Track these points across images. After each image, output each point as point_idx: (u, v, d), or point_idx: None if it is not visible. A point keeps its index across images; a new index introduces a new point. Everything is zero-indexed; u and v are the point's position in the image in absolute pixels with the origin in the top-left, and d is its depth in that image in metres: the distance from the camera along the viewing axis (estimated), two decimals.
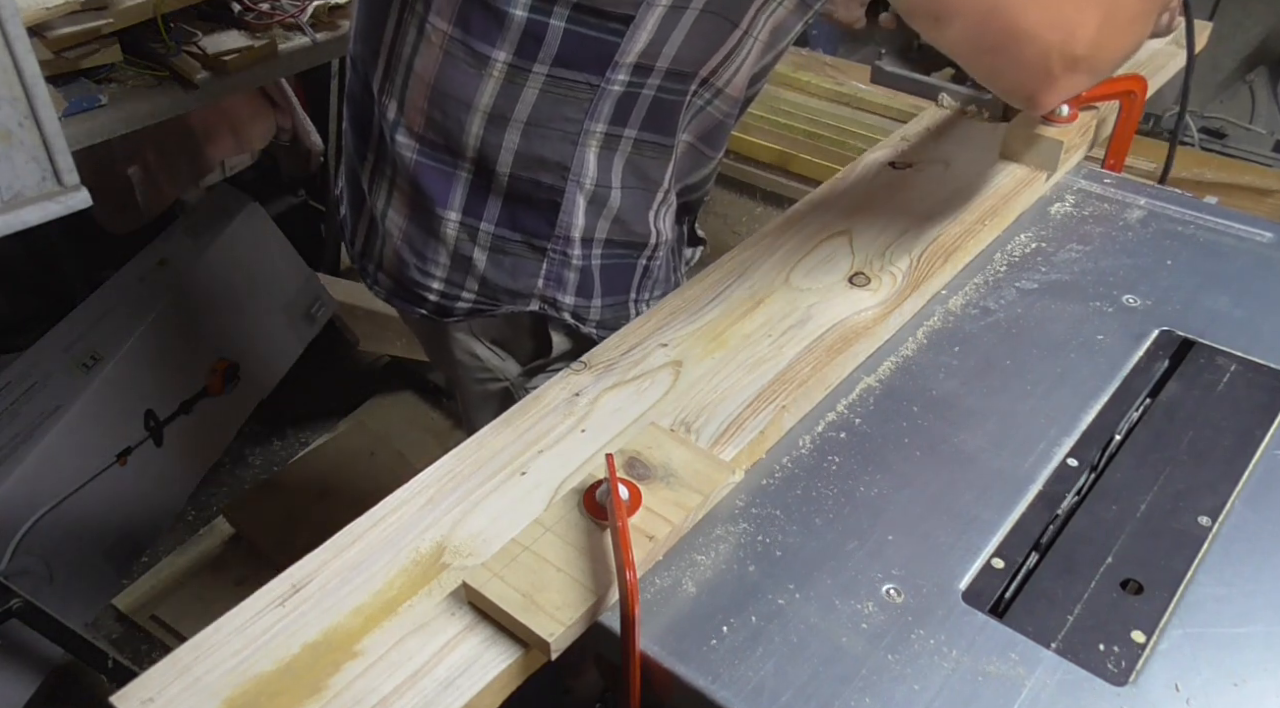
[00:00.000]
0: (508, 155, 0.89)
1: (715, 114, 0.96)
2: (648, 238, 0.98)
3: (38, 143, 1.80)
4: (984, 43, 0.80)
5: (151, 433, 1.97)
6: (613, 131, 0.89)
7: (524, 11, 0.83)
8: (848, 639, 0.64)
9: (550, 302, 0.97)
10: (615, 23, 0.82)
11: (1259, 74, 2.65)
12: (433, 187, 0.93)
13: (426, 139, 0.91)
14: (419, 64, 0.89)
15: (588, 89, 0.86)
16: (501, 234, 0.94)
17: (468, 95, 0.87)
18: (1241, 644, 0.64)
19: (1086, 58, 0.81)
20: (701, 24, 0.84)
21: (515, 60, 0.85)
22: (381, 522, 0.72)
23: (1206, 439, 0.79)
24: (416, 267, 0.97)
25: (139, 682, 0.62)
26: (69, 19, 1.76)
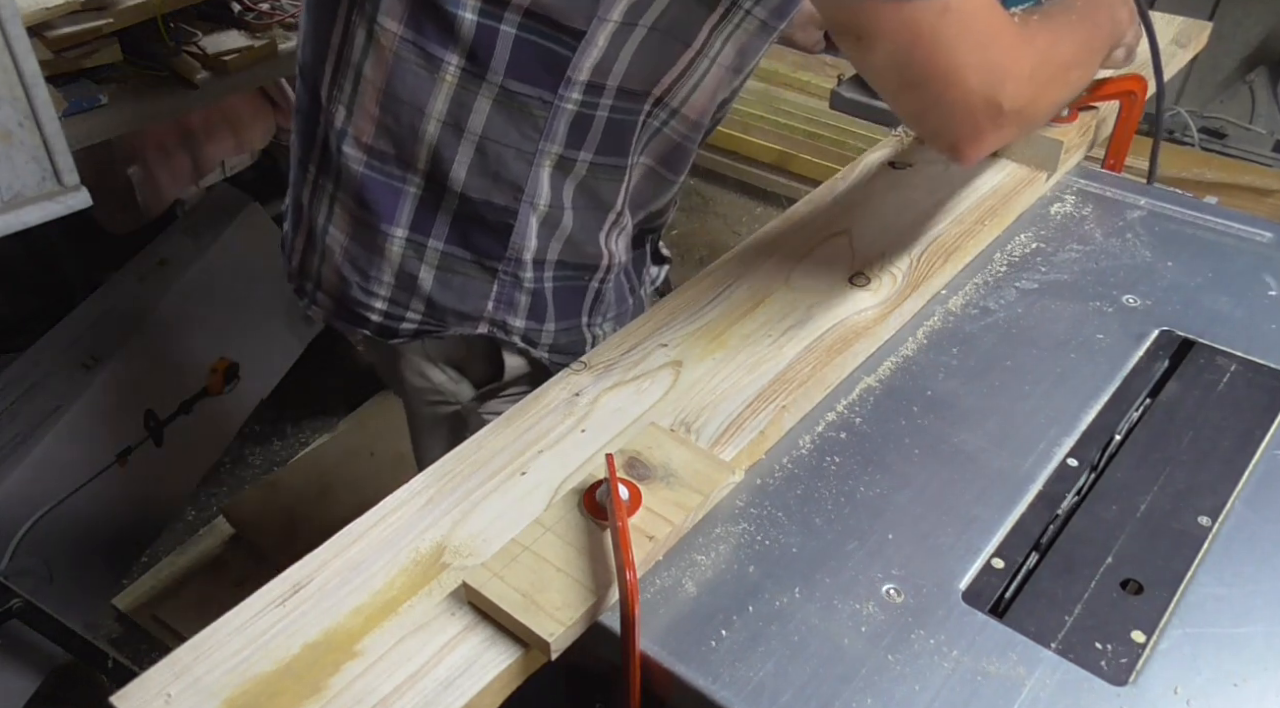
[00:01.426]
0: (460, 170, 0.86)
1: (673, 136, 0.93)
2: (599, 260, 0.95)
3: (38, 143, 1.80)
4: (908, 76, 0.76)
5: (151, 433, 1.97)
6: (568, 154, 0.87)
7: (474, 15, 0.80)
8: (848, 639, 0.64)
9: (500, 325, 0.93)
10: (567, 36, 0.80)
11: (1259, 74, 2.65)
12: (379, 201, 0.89)
13: (376, 150, 0.88)
14: (369, 68, 0.85)
15: (541, 105, 0.84)
16: (451, 252, 0.90)
17: (421, 100, 0.84)
18: (1241, 644, 0.64)
19: (1015, 109, 0.77)
20: (651, 42, 0.83)
21: (468, 66, 0.82)
22: (381, 522, 0.72)
23: (1206, 439, 0.79)
24: (359, 285, 0.93)
25: (139, 682, 0.62)
26: (69, 19, 1.76)
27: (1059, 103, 0.85)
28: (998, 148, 0.81)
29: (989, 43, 0.74)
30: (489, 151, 0.85)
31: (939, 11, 0.71)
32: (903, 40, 0.73)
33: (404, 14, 0.82)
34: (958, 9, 0.72)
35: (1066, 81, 0.85)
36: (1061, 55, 0.83)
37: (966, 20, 0.73)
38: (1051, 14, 0.85)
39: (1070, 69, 0.85)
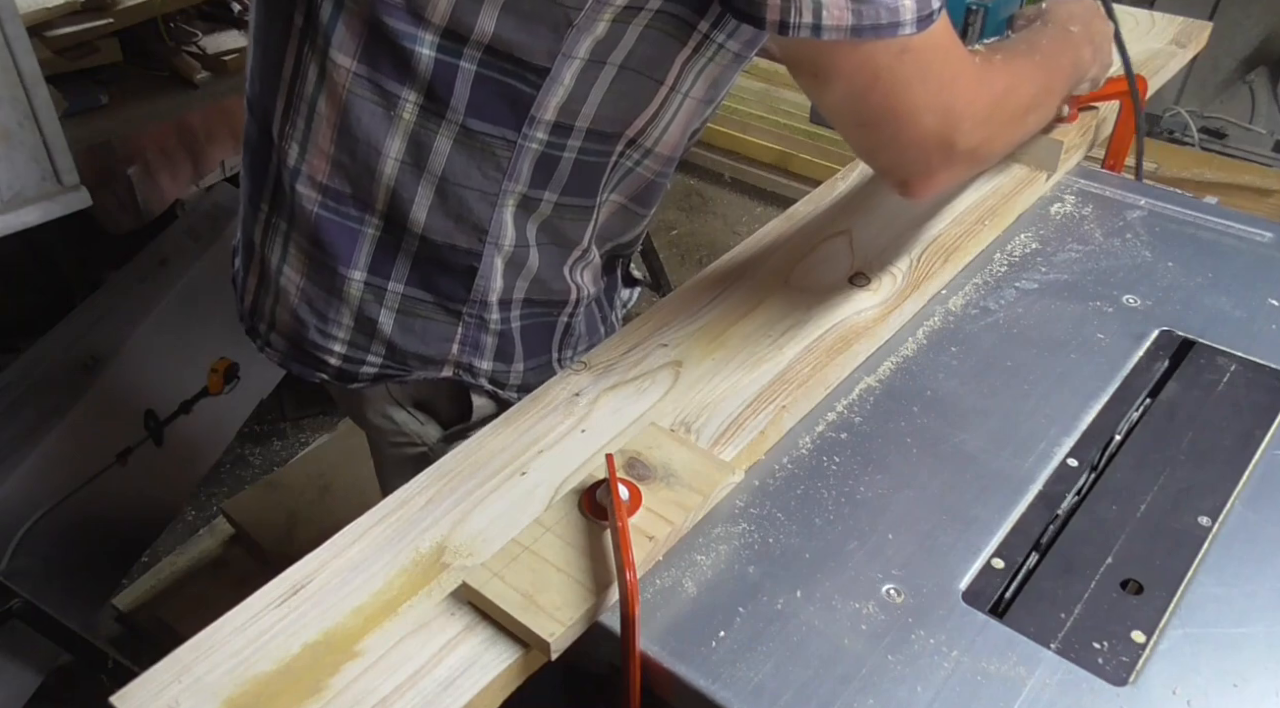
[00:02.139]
0: (420, 212, 0.82)
1: (646, 175, 0.90)
2: (567, 295, 0.92)
3: (38, 143, 1.80)
4: (863, 115, 0.75)
5: (151, 433, 1.97)
6: (532, 194, 0.83)
7: (431, 51, 0.76)
8: (848, 639, 0.64)
9: (466, 368, 0.90)
10: (531, 73, 0.77)
11: (1259, 74, 2.65)
12: (336, 242, 0.85)
13: (331, 189, 0.84)
14: (322, 104, 0.81)
15: (505, 145, 0.80)
16: (412, 295, 0.86)
17: (377, 139, 0.80)
18: (1241, 644, 0.64)
19: (969, 150, 0.77)
20: (623, 81, 0.79)
21: (426, 103, 0.78)
22: (381, 522, 0.72)
23: (1206, 439, 0.79)
24: (316, 328, 0.89)
25: (139, 682, 0.62)
26: (69, 19, 1.76)
27: (1014, 144, 0.85)
28: (949, 187, 0.80)
29: (947, 84, 0.74)
30: (450, 193, 0.82)
31: (897, 52, 0.70)
32: (860, 80, 0.72)
33: (357, 49, 0.78)
34: (917, 50, 0.71)
35: (1023, 123, 0.85)
36: (1020, 98, 0.83)
37: (925, 61, 0.72)
38: (1015, 54, 0.85)
39: (1028, 112, 0.85)
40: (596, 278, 0.96)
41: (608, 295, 1.02)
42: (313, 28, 0.79)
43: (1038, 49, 0.88)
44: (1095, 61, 0.98)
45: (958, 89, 0.75)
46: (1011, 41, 0.91)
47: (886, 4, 0.68)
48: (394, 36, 0.76)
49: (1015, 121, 0.83)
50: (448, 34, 0.75)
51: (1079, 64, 0.95)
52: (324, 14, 0.78)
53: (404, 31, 0.76)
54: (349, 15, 0.77)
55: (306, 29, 0.79)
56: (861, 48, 0.70)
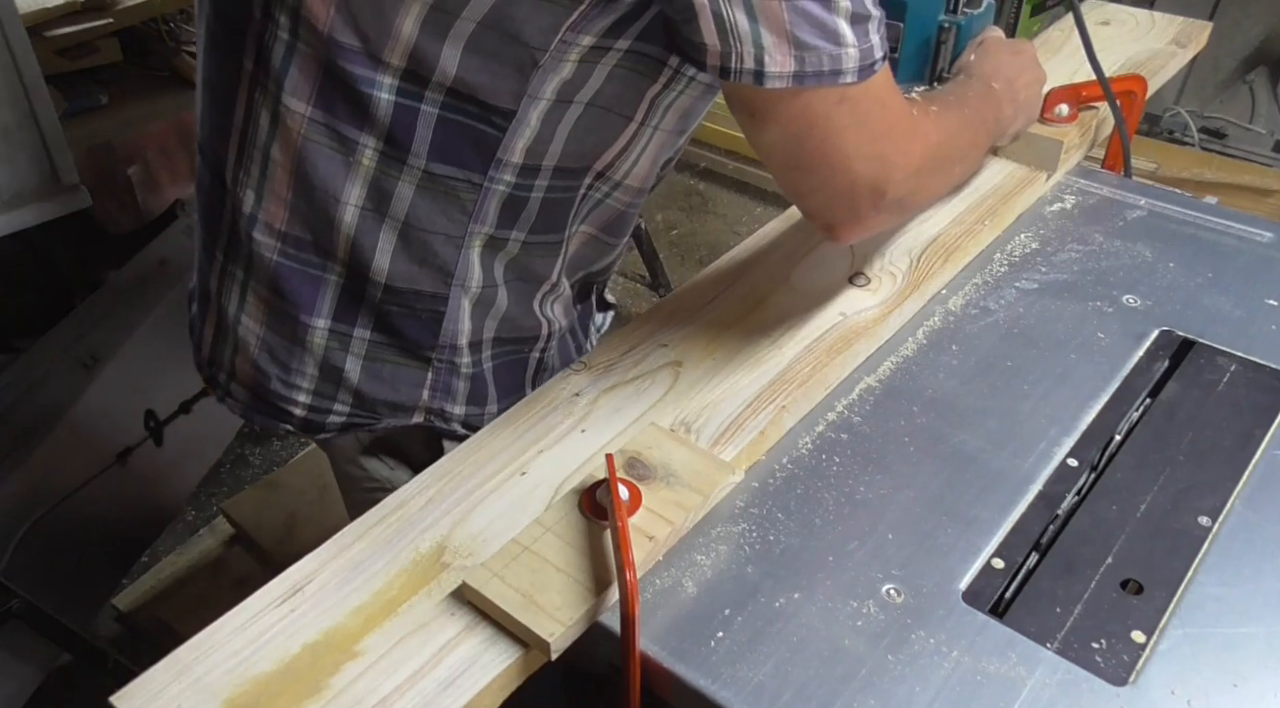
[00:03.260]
0: (384, 259, 0.79)
1: (616, 206, 0.87)
2: (538, 330, 0.89)
3: (37, 143, 1.80)
4: (797, 159, 0.74)
5: (151, 433, 1.97)
6: (499, 234, 0.81)
7: (390, 95, 0.73)
8: (848, 639, 0.64)
9: (439, 413, 0.87)
10: (496, 116, 0.74)
11: (1259, 74, 2.65)
12: (297, 291, 0.82)
13: (290, 236, 0.80)
14: (277, 151, 0.78)
15: (470, 188, 0.77)
16: (379, 341, 0.83)
17: (335, 186, 0.77)
18: (1241, 644, 0.64)
19: (898, 199, 0.76)
20: (590, 119, 0.77)
21: (386, 149, 0.75)
22: (381, 522, 0.72)
23: (1206, 439, 0.79)
24: (279, 378, 0.86)
25: (139, 682, 0.62)
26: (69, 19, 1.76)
27: (940, 194, 0.85)
28: (874, 233, 0.80)
29: (882, 134, 0.73)
30: (414, 238, 0.79)
31: (836, 101, 0.70)
32: (797, 126, 0.71)
33: (311, 93, 0.75)
34: (855, 99, 0.70)
35: (949, 175, 0.85)
36: (950, 151, 0.83)
37: (862, 111, 0.71)
38: (949, 109, 0.85)
39: (955, 164, 0.85)
40: (568, 309, 0.93)
41: (581, 324, 1.00)
42: (264, 72, 0.76)
43: (966, 103, 0.89)
44: (1017, 117, 0.99)
45: (893, 139, 0.74)
46: (942, 93, 0.90)
47: (830, 52, 0.67)
48: (351, 80, 0.73)
49: (944, 172, 0.83)
50: (407, 76, 0.72)
51: (1001, 119, 0.95)
52: (275, 58, 0.75)
53: (361, 75, 0.73)
54: (302, 59, 0.74)
55: (257, 74, 0.76)
56: (801, 94, 0.69)
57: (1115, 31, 1.37)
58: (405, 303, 0.82)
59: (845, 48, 0.67)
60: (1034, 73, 1.01)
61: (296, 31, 0.73)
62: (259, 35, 0.75)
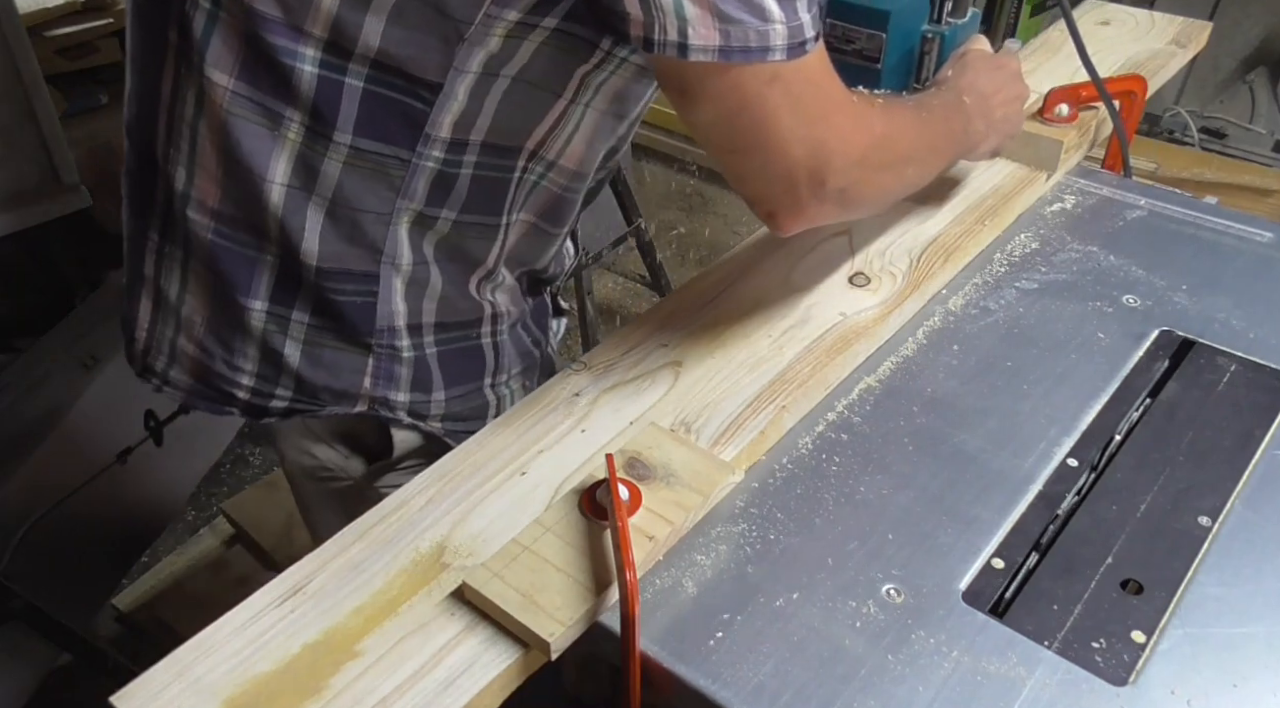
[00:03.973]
0: (313, 239, 0.77)
1: (553, 189, 0.85)
2: (480, 312, 0.87)
3: (37, 143, 1.80)
4: (732, 141, 0.72)
5: (151, 433, 1.96)
6: (428, 212, 0.79)
7: (314, 68, 0.71)
8: (848, 639, 0.64)
9: (382, 402, 0.85)
10: (423, 89, 0.73)
11: (1259, 74, 2.65)
12: (234, 271, 0.80)
13: (224, 215, 0.79)
14: (204, 126, 0.76)
15: (399, 164, 0.76)
16: (317, 325, 0.81)
17: (261, 163, 0.75)
18: (1241, 644, 0.64)
19: (839, 189, 0.73)
20: (517, 93, 0.75)
21: (311, 123, 0.74)
22: (381, 522, 0.72)
23: (1206, 439, 0.79)
24: (224, 360, 0.83)
25: (139, 682, 0.62)
26: (69, 19, 1.76)
27: (890, 193, 0.82)
28: (818, 224, 0.77)
29: (819, 118, 0.71)
30: (341, 216, 0.77)
31: (767, 79, 0.68)
32: (728, 105, 0.69)
33: (234, 66, 0.73)
34: (788, 79, 0.68)
35: (901, 175, 0.81)
36: (899, 148, 0.79)
37: (796, 92, 0.69)
38: (902, 107, 0.83)
39: (908, 163, 0.81)
40: (516, 299, 0.91)
41: (537, 322, 0.98)
42: (188, 44, 0.74)
43: (927, 108, 0.86)
44: (990, 134, 0.93)
45: (831, 124, 0.71)
46: (900, 97, 0.88)
47: (756, 27, 0.65)
48: (273, 52, 0.71)
49: (891, 169, 0.79)
50: (330, 48, 0.71)
51: (970, 133, 0.90)
52: (198, 28, 0.73)
53: (283, 47, 0.71)
54: (224, 29, 0.72)
55: (182, 45, 0.75)
56: (730, 71, 0.67)
57: (1115, 31, 1.37)
58: (338, 284, 0.80)
59: (772, 24, 0.66)
60: (1013, 89, 0.97)
61: (218, 0, 0.72)
62: (180, 4, 0.73)
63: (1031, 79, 1.25)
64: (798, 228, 0.77)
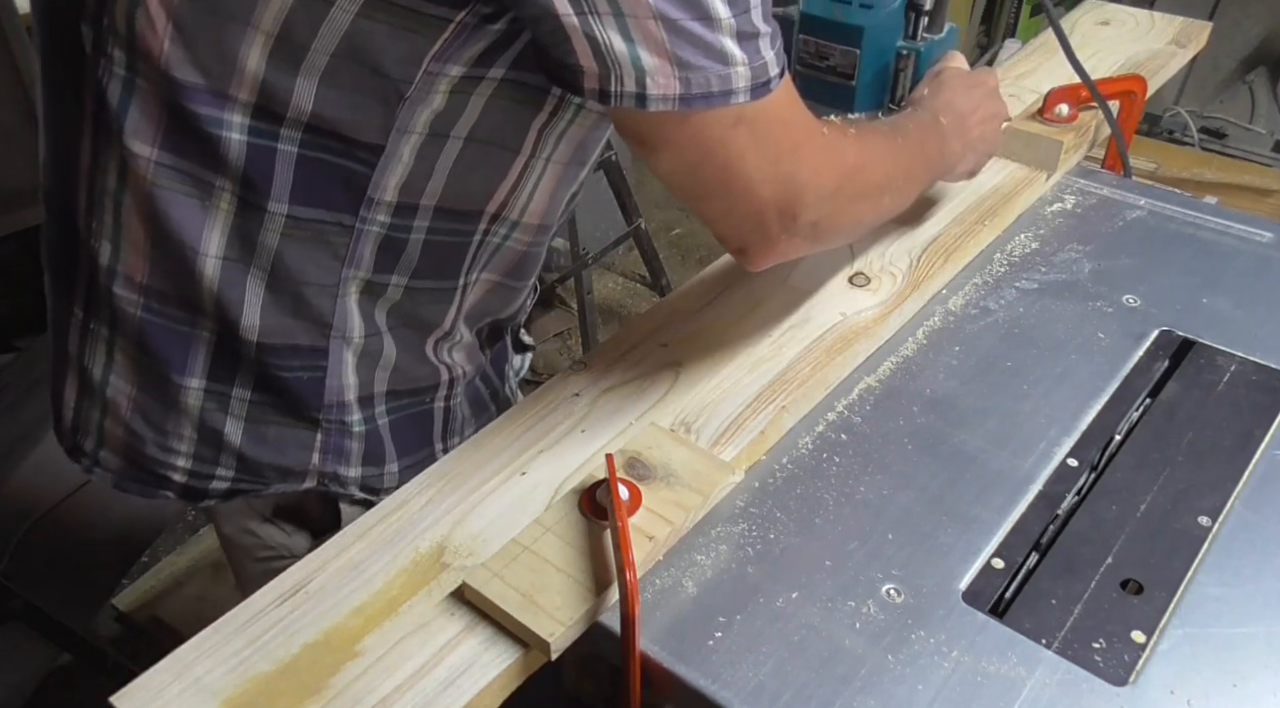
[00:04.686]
0: (252, 313, 0.73)
1: (518, 247, 0.82)
2: (436, 377, 0.83)
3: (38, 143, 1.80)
4: (697, 187, 0.69)
5: None
6: (377, 279, 0.75)
7: (241, 135, 0.67)
8: (848, 639, 0.64)
9: (332, 477, 0.81)
10: (363, 151, 0.68)
11: (1259, 74, 2.65)
12: (166, 349, 0.75)
13: (153, 291, 0.74)
14: (128, 198, 0.72)
15: (341, 231, 0.71)
16: (260, 401, 0.77)
17: (193, 235, 0.71)
18: (1241, 644, 0.64)
19: (812, 223, 0.71)
20: (470, 155, 0.72)
21: (243, 193, 0.70)
22: (381, 522, 0.72)
23: (1206, 439, 0.79)
24: (155, 442, 0.79)
25: (139, 682, 0.62)
26: None
27: (865, 222, 0.80)
28: (791, 258, 0.75)
29: (787, 154, 0.68)
30: (283, 289, 0.73)
31: (731, 123, 0.64)
32: (692, 153, 0.66)
33: (156, 135, 0.69)
34: (752, 120, 0.65)
35: (876, 204, 0.78)
36: (873, 177, 0.76)
37: (761, 132, 0.66)
38: (876, 134, 0.80)
39: (883, 192, 0.78)
40: (472, 355, 0.87)
41: (495, 368, 0.93)
42: (104, 111, 0.70)
43: (902, 132, 0.83)
44: (967, 154, 0.91)
45: (800, 159, 0.68)
46: (875, 122, 0.85)
47: (717, 72, 0.62)
48: (197, 120, 0.67)
49: (866, 199, 0.76)
50: (259, 113, 0.67)
51: (946, 155, 0.88)
52: (114, 96, 0.68)
53: (207, 114, 0.67)
54: (143, 97, 0.68)
55: (99, 113, 0.70)
56: (691, 118, 0.64)
57: (1115, 31, 1.37)
58: (282, 359, 0.76)
59: (734, 66, 0.62)
60: (990, 108, 0.93)
61: (134, 66, 0.67)
62: (94, 71, 0.69)
63: (1031, 79, 1.25)
64: (770, 264, 0.74)
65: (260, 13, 0.63)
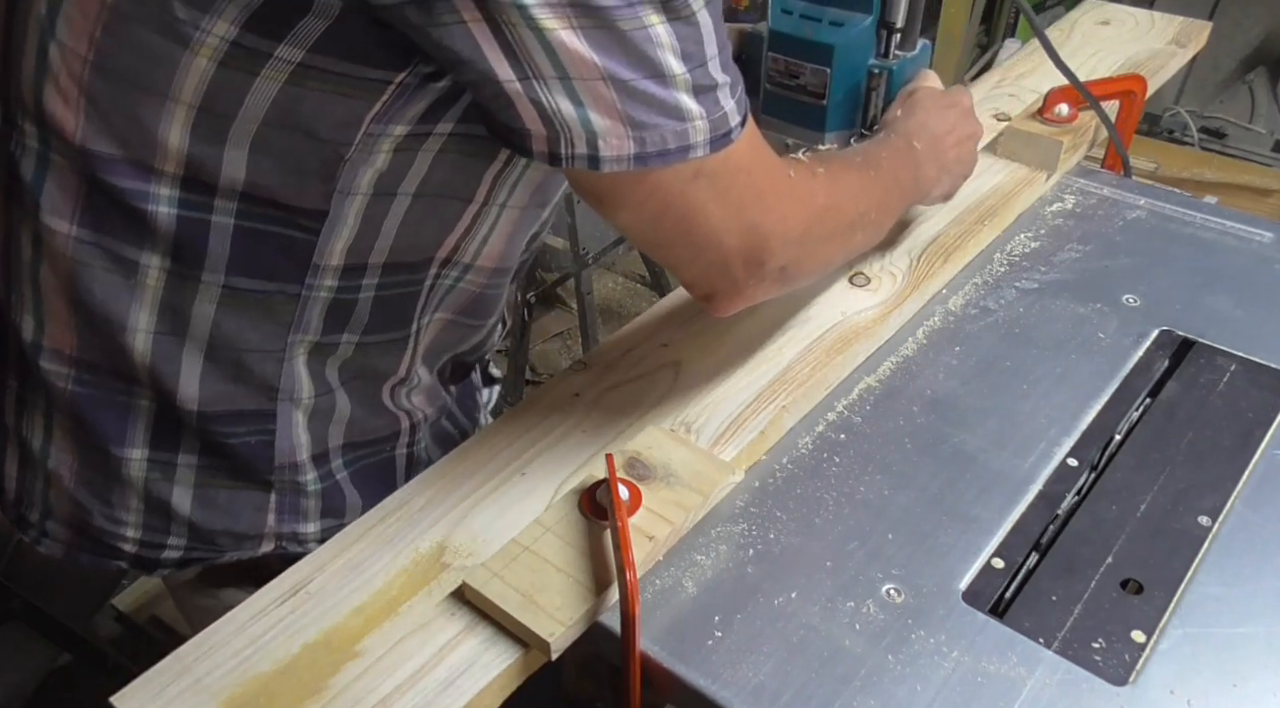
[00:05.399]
0: (190, 383, 0.69)
1: (472, 289, 0.78)
2: (396, 425, 0.80)
3: None
4: (658, 239, 0.67)
5: None
6: (327, 340, 0.72)
7: (171, 208, 0.63)
8: (848, 639, 0.64)
9: (290, 537, 0.77)
10: (305, 218, 0.65)
11: (1259, 74, 2.65)
12: (102, 421, 0.71)
13: (84, 363, 0.70)
14: (47, 274, 0.68)
15: (285, 299, 0.68)
16: (209, 466, 0.73)
17: (119, 312, 0.67)
18: (1241, 644, 0.64)
19: (779, 268, 0.69)
20: (419, 210, 0.68)
21: (175, 267, 0.65)
22: (381, 522, 0.72)
23: (1206, 439, 0.79)
24: (102, 513, 0.75)
25: (139, 682, 0.62)
26: None
27: (836, 261, 0.77)
28: (759, 302, 0.73)
29: (751, 202, 0.65)
30: (223, 358, 0.69)
31: (689, 178, 0.62)
32: (651, 209, 0.63)
33: (74, 211, 0.65)
34: (713, 173, 0.62)
35: (847, 242, 0.76)
36: (844, 216, 0.74)
37: (724, 183, 0.63)
38: (846, 167, 0.76)
39: (854, 230, 0.76)
40: (434, 396, 0.83)
41: (463, 404, 0.90)
42: (18, 186, 0.66)
43: (875, 163, 0.79)
44: (942, 177, 0.88)
45: (766, 205, 0.66)
46: (847, 152, 0.82)
47: (673, 128, 0.59)
48: (119, 195, 0.63)
49: (835, 239, 0.74)
50: (189, 185, 0.63)
51: (921, 181, 0.85)
52: (27, 172, 0.65)
53: (131, 188, 0.63)
54: (58, 172, 0.64)
55: (12, 187, 0.67)
56: (648, 178, 0.61)
57: (1115, 31, 1.37)
58: (227, 426, 0.72)
59: (690, 121, 0.59)
60: (966, 129, 0.90)
61: (46, 140, 0.64)
62: (5, 144, 0.66)
63: (1031, 79, 1.25)
64: (738, 309, 0.72)
65: (179, 85, 0.59)
